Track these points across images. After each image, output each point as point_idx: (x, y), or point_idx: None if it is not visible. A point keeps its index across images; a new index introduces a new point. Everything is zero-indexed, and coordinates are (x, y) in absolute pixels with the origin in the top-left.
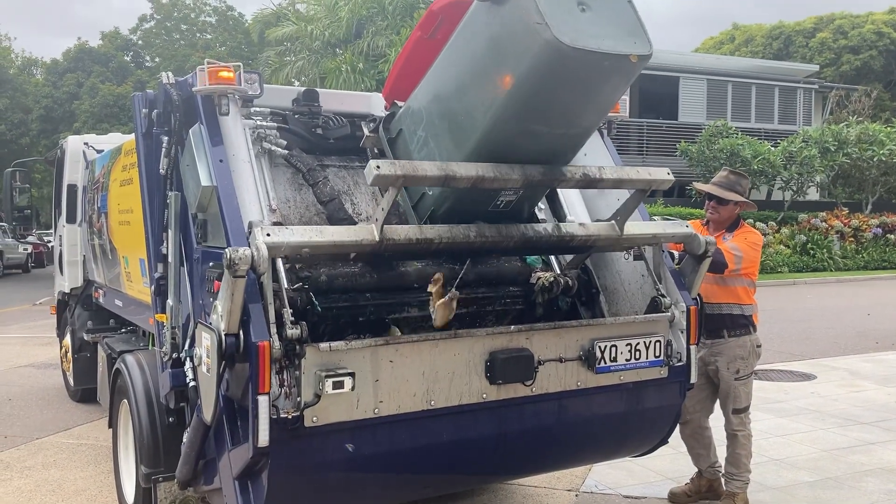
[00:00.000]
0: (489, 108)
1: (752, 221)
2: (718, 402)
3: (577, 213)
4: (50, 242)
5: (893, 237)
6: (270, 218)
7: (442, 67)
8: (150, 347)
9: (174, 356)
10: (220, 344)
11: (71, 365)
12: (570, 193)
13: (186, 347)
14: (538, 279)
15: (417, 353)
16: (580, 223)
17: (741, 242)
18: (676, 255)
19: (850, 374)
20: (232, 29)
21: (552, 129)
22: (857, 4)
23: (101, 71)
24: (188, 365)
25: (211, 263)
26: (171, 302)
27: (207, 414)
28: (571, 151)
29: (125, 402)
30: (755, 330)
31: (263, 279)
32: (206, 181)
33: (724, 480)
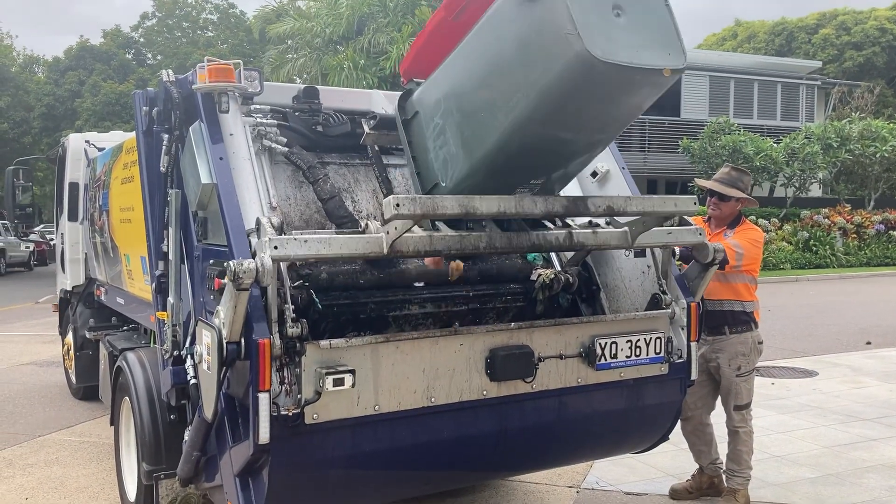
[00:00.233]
0: (512, 110)
1: (754, 218)
2: (720, 398)
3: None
4: (52, 240)
5: None
6: (272, 215)
7: (465, 57)
8: (151, 345)
9: (175, 354)
10: (220, 350)
11: (73, 363)
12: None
13: (187, 345)
14: (539, 276)
15: (418, 350)
16: (592, 230)
17: (743, 239)
18: (678, 251)
19: (851, 370)
20: (233, 26)
21: (575, 135)
22: (859, 0)
23: (102, 69)
24: (189, 362)
25: (211, 261)
26: (171, 299)
27: (208, 411)
28: (590, 156)
29: (127, 399)
30: (756, 326)
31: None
32: (206, 179)
33: (725, 477)
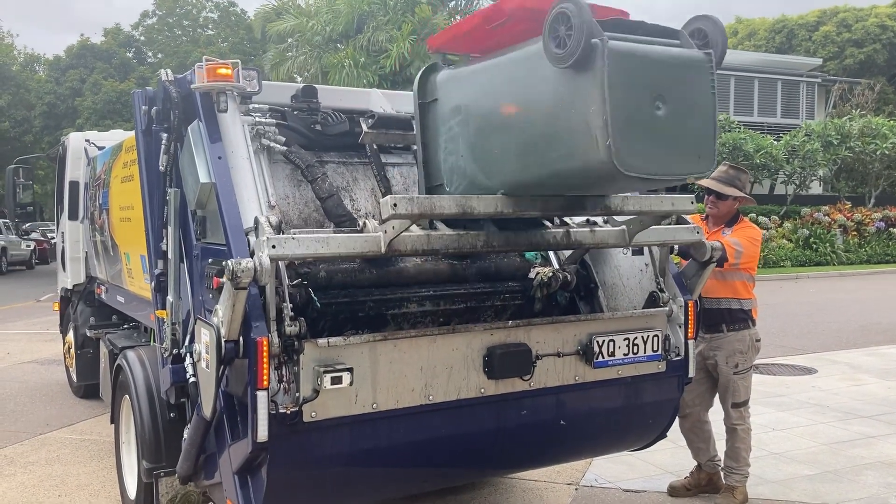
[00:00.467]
0: (523, 169)
1: (754, 216)
2: (718, 396)
3: None
4: (53, 239)
5: None
6: (270, 214)
7: (493, 84)
8: (151, 343)
9: (174, 352)
10: (219, 348)
11: (74, 361)
12: None
13: (186, 343)
14: (537, 274)
15: (416, 348)
16: (590, 228)
17: (742, 237)
18: (676, 247)
19: (851, 367)
20: (234, 25)
21: (583, 193)
22: None
23: (103, 67)
24: (188, 361)
25: (210, 259)
26: (170, 298)
27: (207, 409)
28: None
29: (127, 397)
30: (754, 324)
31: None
32: (204, 178)
33: (723, 474)
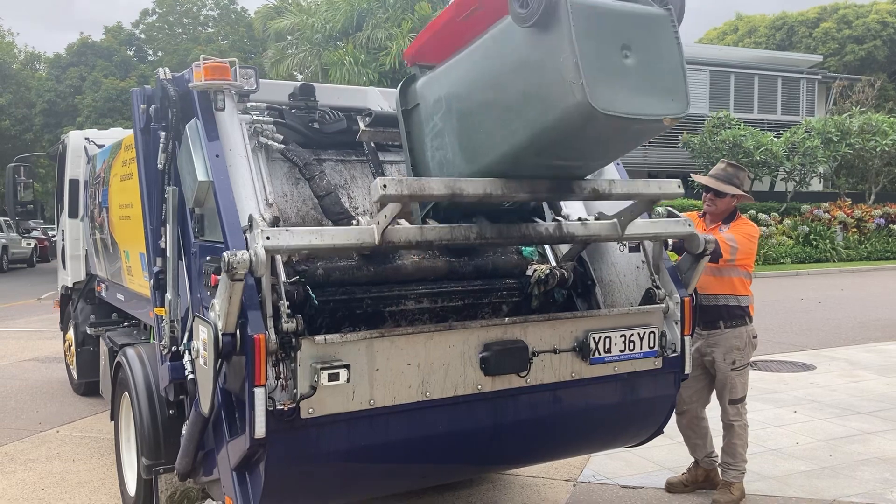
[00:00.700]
0: (508, 137)
1: (753, 213)
2: (715, 392)
3: (574, 205)
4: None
5: None
6: (267, 212)
7: (469, 66)
8: (151, 341)
9: (173, 349)
10: (216, 342)
11: (74, 358)
12: None
13: (185, 340)
14: (534, 271)
15: (412, 344)
16: (582, 222)
17: (737, 233)
18: (671, 243)
19: (849, 364)
20: (234, 23)
21: (571, 163)
22: None
23: (104, 65)
24: (187, 358)
25: (208, 257)
26: (169, 296)
27: (205, 406)
28: (588, 174)
29: (126, 394)
30: (751, 321)
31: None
32: (202, 176)
33: (720, 470)
